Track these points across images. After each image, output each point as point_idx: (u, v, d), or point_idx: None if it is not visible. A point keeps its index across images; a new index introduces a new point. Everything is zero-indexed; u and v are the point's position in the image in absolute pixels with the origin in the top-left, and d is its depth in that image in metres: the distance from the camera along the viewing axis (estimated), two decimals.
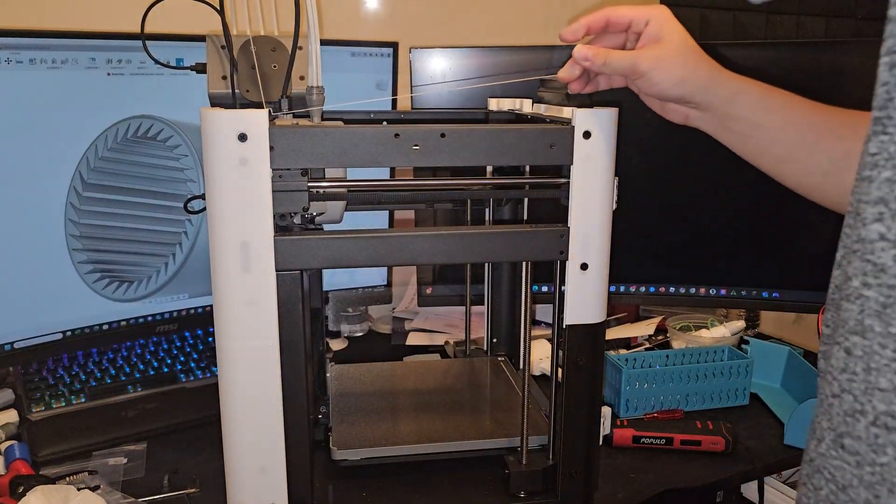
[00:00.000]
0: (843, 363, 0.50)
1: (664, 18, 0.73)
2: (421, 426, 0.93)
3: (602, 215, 0.75)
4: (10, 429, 0.99)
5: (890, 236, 0.46)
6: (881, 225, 0.47)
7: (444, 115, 1.11)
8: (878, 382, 0.47)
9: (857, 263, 0.49)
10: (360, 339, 1.42)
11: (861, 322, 0.48)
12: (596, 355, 0.80)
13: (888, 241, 0.46)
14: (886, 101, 0.46)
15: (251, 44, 0.80)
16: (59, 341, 1.07)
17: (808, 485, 0.54)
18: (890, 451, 0.47)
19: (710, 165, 1.20)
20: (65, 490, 0.81)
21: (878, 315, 0.47)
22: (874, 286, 0.47)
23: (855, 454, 0.49)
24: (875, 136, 0.47)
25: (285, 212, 0.71)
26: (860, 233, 0.48)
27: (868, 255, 0.48)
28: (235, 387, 0.73)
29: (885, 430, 0.47)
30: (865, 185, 0.48)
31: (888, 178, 0.46)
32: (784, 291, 1.22)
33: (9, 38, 0.95)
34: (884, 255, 0.47)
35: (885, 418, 0.47)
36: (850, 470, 0.50)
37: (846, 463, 0.50)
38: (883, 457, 0.47)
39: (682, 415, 1.05)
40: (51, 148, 1.01)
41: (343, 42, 1.23)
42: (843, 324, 0.50)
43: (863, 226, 0.48)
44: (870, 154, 0.47)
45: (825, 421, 0.52)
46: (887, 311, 0.47)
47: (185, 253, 1.15)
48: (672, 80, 0.72)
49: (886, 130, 0.46)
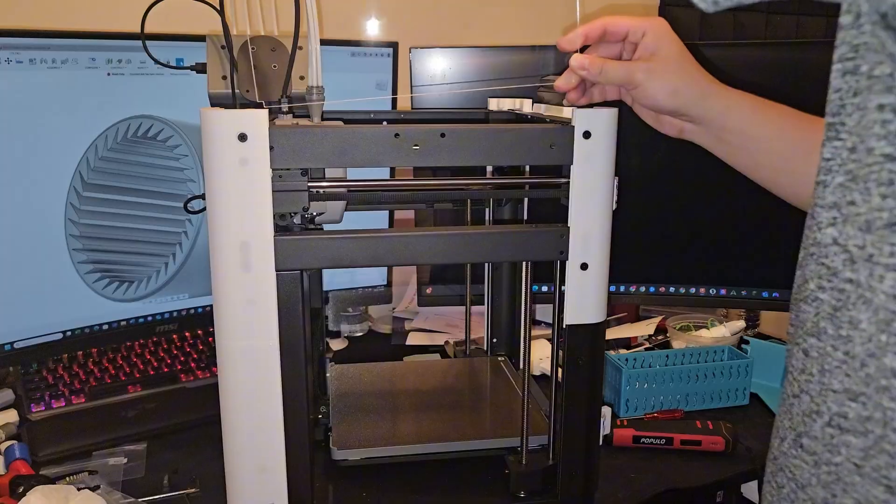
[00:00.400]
0: (802, 364, 0.51)
1: (661, 31, 0.74)
2: (421, 426, 0.93)
3: (602, 215, 0.75)
4: (10, 429, 0.99)
5: (841, 240, 0.47)
6: (834, 229, 0.48)
7: (444, 115, 1.11)
8: (830, 384, 0.48)
9: (813, 266, 0.50)
10: (360, 339, 1.42)
11: (816, 324, 0.50)
12: (596, 355, 0.80)
13: (839, 246, 0.47)
14: (839, 108, 0.47)
15: (251, 44, 0.80)
16: (59, 341, 1.07)
17: (772, 483, 0.56)
18: (843, 451, 0.48)
19: (709, 165, 1.20)
20: (65, 490, 0.81)
21: (830, 318, 0.48)
22: (828, 289, 0.48)
23: (812, 454, 0.50)
24: (829, 142, 0.48)
25: (285, 212, 0.71)
26: (816, 236, 0.49)
27: (823, 258, 0.49)
28: (235, 387, 0.73)
29: (838, 430, 0.48)
30: (820, 189, 0.49)
31: (841, 184, 0.47)
32: (784, 291, 1.22)
33: (9, 38, 0.95)
34: (836, 259, 0.48)
35: (839, 419, 0.48)
36: (808, 469, 0.51)
37: (804, 462, 0.51)
38: (837, 456, 0.48)
39: (682, 415, 1.05)
40: (51, 148, 1.01)
41: (343, 42, 1.23)
42: (802, 325, 0.51)
43: (818, 230, 0.49)
44: (824, 159, 0.48)
45: (787, 420, 0.53)
46: (838, 314, 0.48)
47: (185, 253, 1.15)
48: (666, 91, 0.73)
49: (839, 136, 0.47)
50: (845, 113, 0.46)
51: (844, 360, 0.47)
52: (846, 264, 0.47)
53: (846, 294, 0.47)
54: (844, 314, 0.47)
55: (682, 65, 0.73)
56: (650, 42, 0.73)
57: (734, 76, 0.79)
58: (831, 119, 0.48)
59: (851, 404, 0.47)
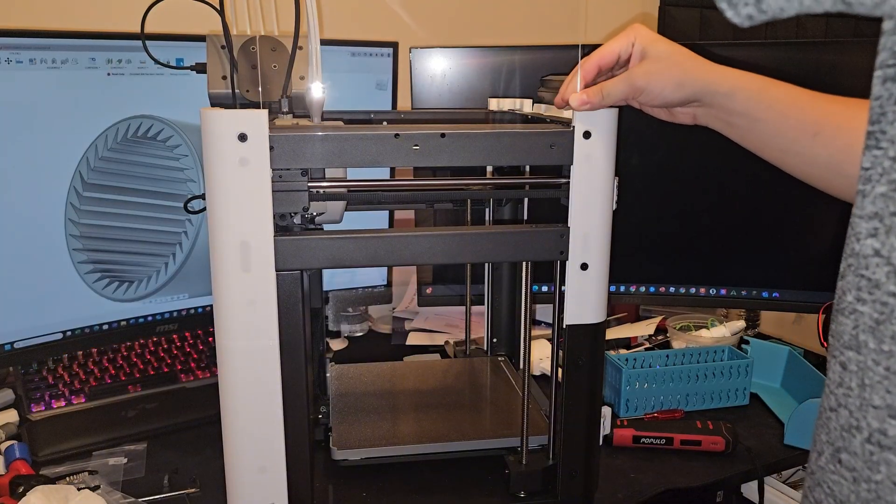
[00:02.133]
0: (839, 377, 0.50)
1: (643, 33, 0.75)
2: (421, 426, 0.93)
3: (602, 215, 0.75)
4: (10, 429, 0.99)
5: (884, 252, 0.46)
6: (875, 241, 0.46)
7: (444, 115, 1.11)
8: (871, 399, 0.47)
9: (850, 278, 0.49)
10: (360, 339, 1.42)
11: (856, 337, 0.48)
12: (596, 355, 0.80)
13: (882, 258, 0.46)
14: (880, 116, 0.46)
15: (251, 44, 0.80)
16: (59, 341, 1.07)
17: (810, 497, 0.55)
18: (883, 468, 0.47)
19: (709, 165, 1.20)
20: (65, 490, 0.81)
21: (871, 331, 0.47)
22: (868, 301, 0.47)
23: (852, 470, 0.49)
24: (868, 151, 0.47)
25: (285, 212, 0.71)
26: (854, 247, 0.48)
27: (862, 270, 0.48)
28: (235, 387, 0.73)
29: (878, 447, 0.47)
30: (860, 198, 0.48)
31: (882, 194, 0.46)
32: (784, 291, 1.22)
33: (9, 38, 0.95)
34: (878, 272, 0.46)
35: (878, 436, 0.47)
36: (848, 486, 0.50)
37: (843, 478, 0.50)
38: (877, 474, 0.48)
39: (682, 415, 1.05)
40: (51, 148, 1.01)
41: (343, 42, 1.23)
42: (839, 337, 0.50)
43: (857, 241, 0.48)
44: (863, 168, 0.47)
45: (823, 434, 0.52)
46: (881, 327, 0.46)
47: (185, 253, 1.15)
48: (670, 86, 0.73)
49: (879, 145, 0.46)
50: (886, 121, 0.45)
51: (886, 375, 0.46)
52: (890, 276, 0.46)
53: (889, 307, 0.46)
54: (887, 328, 0.46)
55: (676, 57, 0.74)
56: (638, 49, 0.75)
57: None
58: (871, 127, 0.46)
59: (892, 421, 0.46)
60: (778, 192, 1.19)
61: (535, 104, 0.93)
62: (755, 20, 0.47)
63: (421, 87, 1.21)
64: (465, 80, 1.21)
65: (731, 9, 0.42)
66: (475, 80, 1.21)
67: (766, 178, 1.19)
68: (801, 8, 0.43)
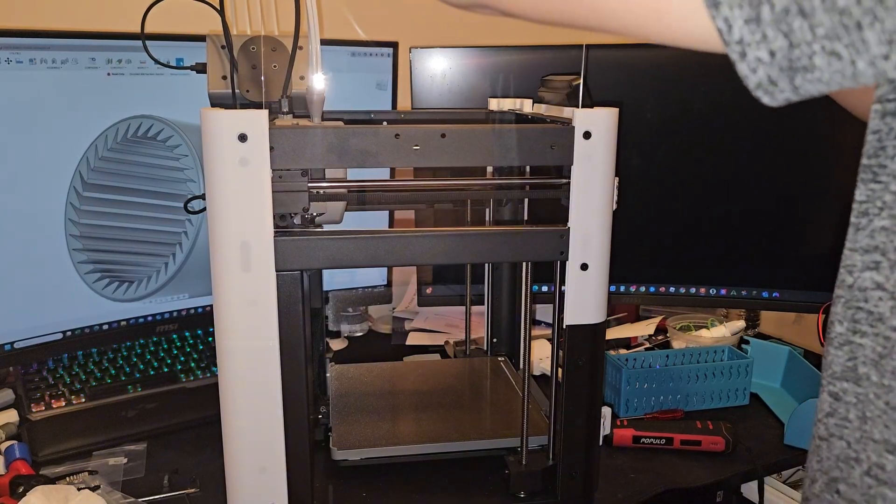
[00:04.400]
0: (829, 407, 0.50)
1: None
2: (421, 426, 0.93)
3: (602, 215, 0.75)
4: (10, 429, 0.99)
5: (888, 286, 0.46)
6: (877, 274, 0.46)
7: (444, 115, 1.11)
8: (871, 433, 0.47)
9: (841, 309, 0.49)
10: (360, 339, 1.42)
11: (853, 369, 0.48)
12: (596, 355, 0.80)
13: (886, 291, 0.46)
14: (878, 150, 0.46)
15: (251, 44, 0.80)
16: (59, 341, 1.07)
17: None
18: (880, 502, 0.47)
19: (709, 165, 1.20)
20: (65, 490, 0.81)
21: (874, 364, 0.47)
22: (870, 335, 0.47)
23: (850, 501, 0.49)
24: (863, 184, 0.47)
25: (285, 212, 0.71)
26: (846, 279, 0.48)
27: (860, 302, 0.47)
28: (235, 387, 0.73)
29: (875, 481, 0.47)
30: (852, 231, 0.47)
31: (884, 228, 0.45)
32: (784, 291, 1.22)
33: (9, 38, 0.95)
34: (881, 305, 0.46)
35: (877, 470, 0.47)
36: None
37: None
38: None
39: (682, 415, 1.05)
40: (51, 148, 1.01)
41: (343, 42, 1.23)
42: (828, 368, 0.50)
43: (849, 273, 0.48)
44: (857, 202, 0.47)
45: (815, 462, 0.52)
46: (883, 361, 0.46)
47: (185, 253, 1.15)
48: None
49: (878, 179, 0.46)
50: (885, 155, 0.45)
51: (885, 410, 0.46)
52: (894, 311, 0.45)
53: (892, 342, 0.46)
54: (889, 363, 0.46)
55: None
56: None
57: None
58: (867, 161, 0.46)
59: (889, 457, 0.46)
60: (778, 193, 1.19)
61: (535, 104, 0.93)
62: (791, 100, 0.47)
63: (421, 87, 1.21)
64: (465, 80, 1.21)
65: (766, 95, 0.42)
66: (475, 80, 1.21)
67: (766, 178, 1.19)
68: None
